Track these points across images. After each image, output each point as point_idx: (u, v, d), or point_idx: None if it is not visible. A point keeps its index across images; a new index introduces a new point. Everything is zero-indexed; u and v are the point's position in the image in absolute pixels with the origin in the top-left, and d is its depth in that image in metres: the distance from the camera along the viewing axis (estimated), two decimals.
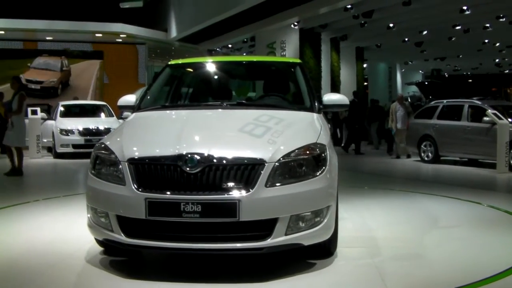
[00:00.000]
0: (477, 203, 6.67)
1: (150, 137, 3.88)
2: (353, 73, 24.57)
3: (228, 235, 3.39)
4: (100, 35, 21.09)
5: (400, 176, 10.42)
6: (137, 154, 3.56)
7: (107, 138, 4.04)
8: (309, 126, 4.02)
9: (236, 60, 6.19)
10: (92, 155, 3.86)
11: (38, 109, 14.06)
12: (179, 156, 3.43)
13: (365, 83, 29.67)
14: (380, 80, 32.55)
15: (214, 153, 3.43)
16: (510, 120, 10.35)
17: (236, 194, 3.34)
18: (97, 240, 3.99)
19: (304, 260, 3.94)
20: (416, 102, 25.05)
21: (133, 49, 22.54)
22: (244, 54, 25.66)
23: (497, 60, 33.09)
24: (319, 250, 3.92)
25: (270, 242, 3.40)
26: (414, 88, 32.35)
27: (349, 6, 16.45)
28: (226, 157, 3.41)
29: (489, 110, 10.61)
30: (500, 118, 10.30)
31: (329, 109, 4.62)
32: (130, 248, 3.62)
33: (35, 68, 20.83)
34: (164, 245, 3.44)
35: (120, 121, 11.61)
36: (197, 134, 3.82)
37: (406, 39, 23.08)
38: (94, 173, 3.78)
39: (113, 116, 14.55)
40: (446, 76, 41.38)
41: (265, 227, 3.40)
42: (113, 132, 4.33)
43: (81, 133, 13.45)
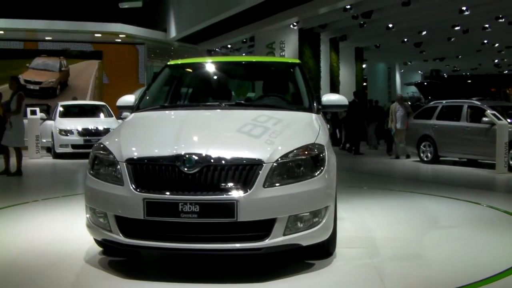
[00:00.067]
0: (476, 203, 6.68)
1: (149, 138, 3.88)
2: (353, 74, 24.59)
3: (226, 235, 3.38)
4: (99, 35, 21.07)
5: (400, 177, 10.42)
6: (135, 154, 3.56)
7: (106, 139, 4.04)
8: (308, 127, 4.01)
9: (235, 61, 6.18)
10: (91, 156, 3.86)
11: (37, 109, 14.04)
12: (177, 157, 3.42)
13: (364, 84, 29.67)
14: (379, 81, 32.59)
15: (212, 154, 3.42)
16: (509, 121, 10.35)
17: (234, 195, 3.33)
18: (96, 240, 3.99)
19: (303, 261, 3.94)
20: (416, 103, 25.06)
21: (133, 49, 22.52)
22: (244, 54, 25.66)
23: (496, 61, 33.13)
24: (318, 251, 3.92)
25: (268, 243, 3.40)
26: (413, 89, 32.41)
27: (349, 7, 16.46)
28: (224, 158, 3.41)
29: (488, 111, 10.61)
30: (499, 119, 10.31)
31: (328, 110, 4.61)
32: (129, 248, 3.62)
33: (34, 69, 20.79)
34: (162, 245, 3.44)
35: (119, 121, 11.60)
36: (195, 135, 3.82)
37: (406, 40, 23.10)
38: (93, 174, 3.78)
39: (112, 117, 14.54)
40: (445, 77, 41.41)
41: (263, 228, 3.40)
42: (112, 133, 4.33)
43: (80, 133, 13.45)
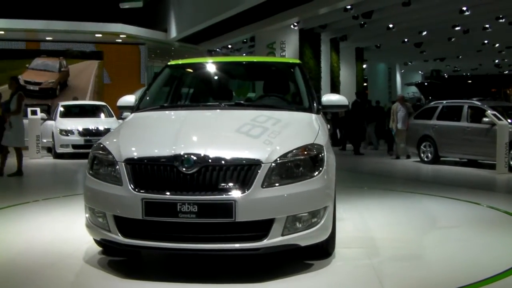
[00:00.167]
0: (477, 204, 6.67)
1: (147, 138, 3.88)
2: (353, 74, 24.59)
3: (225, 236, 3.38)
4: (100, 35, 21.07)
5: (400, 177, 10.41)
6: (134, 155, 3.56)
7: (105, 139, 4.04)
8: (307, 127, 4.01)
9: (236, 61, 6.18)
10: (90, 156, 3.86)
11: (38, 110, 14.04)
12: (176, 157, 3.42)
13: (365, 84, 29.67)
14: (380, 81, 32.58)
15: (211, 154, 3.42)
16: (510, 121, 10.34)
17: (232, 195, 3.33)
18: (96, 240, 3.99)
19: (302, 261, 3.93)
20: (416, 103, 25.06)
21: (136, 50, 22.53)
22: (244, 55, 25.66)
23: (497, 61, 33.11)
24: (317, 251, 3.92)
25: (267, 243, 3.40)
26: (414, 89, 32.37)
27: (349, 7, 16.47)
28: (223, 158, 3.41)
29: (489, 111, 10.61)
30: (500, 119, 10.30)
31: (328, 110, 4.60)
32: (127, 248, 3.62)
33: (33, 69, 20.80)
34: (161, 245, 3.44)
35: (120, 122, 11.60)
36: (194, 135, 3.82)
37: (406, 40, 23.10)
38: (92, 174, 3.78)
39: (113, 117, 14.54)
40: (446, 77, 41.39)
41: (262, 228, 3.39)
42: (111, 133, 4.33)
43: (81, 134, 13.45)
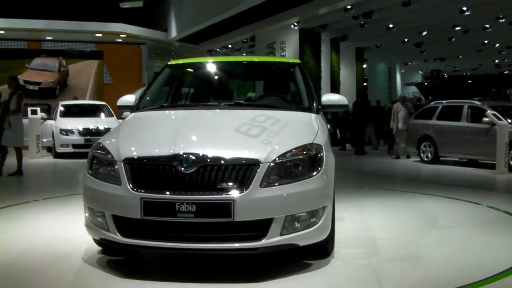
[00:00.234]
0: (477, 204, 6.67)
1: (146, 137, 3.88)
2: (353, 74, 24.58)
3: (223, 235, 3.38)
4: (100, 35, 21.07)
5: (400, 177, 10.41)
6: (133, 154, 3.56)
7: (104, 138, 4.04)
8: (306, 127, 4.00)
9: (236, 60, 6.18)
10: (89, 155, 3.86)
11: (38, 109, 14.04)
12: (174, 156, 3.42)
13: (365, 84, 29.66)
14: (380, 81, 32.56)
15: (209, 153, 3.42)
16: (510, 121, 10.34)
17: (231, 194, 3.33)
18: (95, 240, 3.99)
19: (301, 261, 3.93)
20: (416, 103, 25.06)
21: (137, 49, 22.54)
22: (244, 54, 25.66)
23: (497, 61, 33.09)
24: (316, 251, 3.91)
25: (265, 243, 3.40)
26: (414, 89, 32.33)
27: (349, 7, 16.47)
28: (221, 157, 3.41)
29: (489, 111, 10.60)
30: (500, 119, 10.30)
31: (328, 110, 4.60)
32: (126, 248, 3.62)
33: (33, 69, 20.82)
34: (160, 245, 3.44)
35: (120, 121, 11.61)
36: (193, 134, 3.82)
37: (406, 40, 23.10)
38: (91, 173, 3.78)
39: (113, 116, 14.54)
40: (446, 77, 41.38)
41: (260, 227, 3.39)
42: (111, 132, 4.33)
43: (81, 133, 13.45)
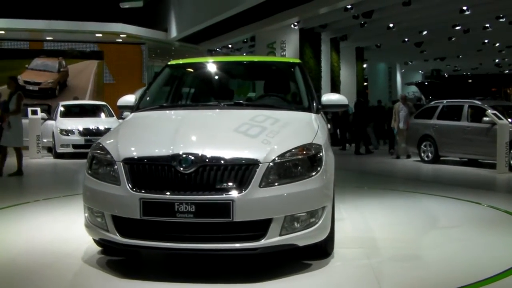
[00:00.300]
0: (477, 203, 6.66)
1: (146, 137, 3.88)
2: (353, 73, 24.57)
3: (222, 235, 3.38)
4: (100, 35, 21.07)
5: (400, 176, 10.40)
6: (132, 154, 3.56)
7: (104, 138, 4.04)
8: (306, 126, 4.00)
9: (236, 60, 6.18)
10: (89, 155, 3.86)
11: (39, 109, 14.04)
12: (173, 156, 3.42)
13: (365, 83, 29.66)
14: (380, 80, 32.57)
15: (208, 153, 3.42)
16: (510, 120, 10.34)
17: (230, 194, 3.32)
18: (95, 240, 3.99)
19: (300, 261, 3.93)
20: (416, 102, 25.07)
21: (138, 49, 22.54)
22: (244, 54, 25.66)
23: (497, 60, 33.09)
24: (316, 251, 3.91)
25: (265, 243, 3.39)
26: (414, 88, 32.34)
27: (349, 6, 16.47)
28: (220, 157, 3.40)
29: (489, 110, 10.60)
30: (500, 118, 10.29)
31: (328, 109, 4.59)
32: (125, 248, 3.62)
33: (33, 70, 20.84)
34: (159, 245, 3.44)
35: (120, 121, 11.61)
36: (192, 134, 3.81)
37: (406, 39, 23.09)
38: (91, 173, 3.78)
39: (113, 116, 14.54)
40: (446, 76, 41.37)
41: (260, 228, 3.39)
42: (110, 132, 4.33)
43: (81, 133, 13.45)
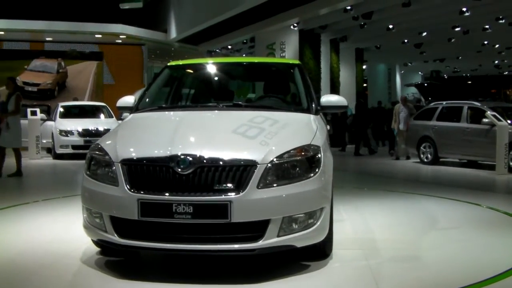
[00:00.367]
0: (477, 205, 6.66)
1: (144, 138, 3.88)
2: (353, 74, 24.56)
3: (220, 236, 3.38)
4: (100, 36, 21.07)
5: (400, 178, 10.40)
6: (130, 155, 3.56)
7: (103, 139, 4.04)
8: (305, 128, 3.99)
9: (236, 61, 6.18)
10: (87, 156, 3.86)
11: (38, 110, 14.03)
12: (171, 157, 3.42)
13: (365, 85, 29.66)
14: (380, 82, 32.57)
15: (206, 154, 3.42)
16: (510, 122, 10.34)
17: (228, 195, 3.32)
18: (94, 241, 3.99)
19: (299, 262, 3.92)
20: (416, 104, 25.08)
21: (138, 50, 22.53)
22: (244, 55, 25.67)
23: (497, 62, 33.09)
24: (314, 252, 3.90)
25: (262, 244, 3.39)
26: (414, 90, 32.37)
27: (349, 7, 16.47)
28: (218, 158, 3.40)
29: (489, 112, 10.60)
30: (500, 120, 10.30)
31: (327, 110, 4.60)
32: (123, 249, 3.62)
33: (32, 71, 20.84)
34: (157, 246, 3.44)
35: (120, 122, 11.60)
36: (190, 135, 3.81)
37: (406, 41, 23.10)
38: (89, 174, 3.78)
39: (113, 117, 14.54)
40: (446, 78, 41.39)
41: (257, 229, 3.39)
42: (109, 133, 4.33)
43: (81, 134, 13.44)
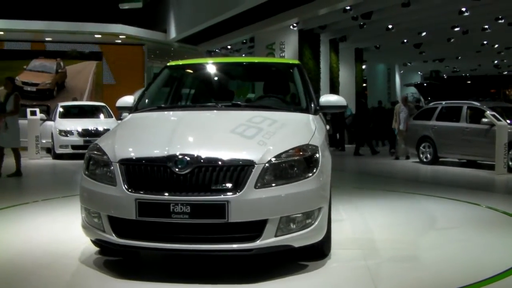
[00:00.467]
0: (476, 204, 6.67)
1: (142, 138, 3.88)
2: (352, 74, 24.55)
3: (218, 236, 3.38)
4: (99, 36, 21.06)
5: (399, 177, 10.39)
6: (128, 155, 3.56)
7: (101, 139, 4.04)
8: (303, 127, 3.99)
9: (235, 61, 6.18)
10: (86, 156, 3.87)
11: (37, 110, 14.03)
12: (169, 157, 3.42)
13: (364, 85, 29.65)
14: (379, 82, 32.56)
15: (204, 154, 3.42)
16: (509, 122, 10.35)
17: (226, 195, 3.32)
18: (92, 241, 3.98)
19: (297, 262, 3.92)
20: (416, 103, 25.08)
21: (139, 50, 22.52)
22: (243, 55, 25.66)
23: (496, 62, 33.07)
24: (312, 252, 3.90)
25: (260, 244, 3.39)
26: (413, 90, 32.35)
27: (348, 8, 16.46)
28: (216, 158, 3.40)
29: (488, 112, 10.60)
30: (499, 120, 10.31)
31: (326, 110, 4.60)
32: (122, 249, 3.62)
33: (31, 71, 20.85)
34: (155, 246, 3.44)
35: (119, 122, 11.59)
36: (189, 135, 3.81)
37: (405, 40, 23.09)
38: (88, 174, 3.78)
39: (112, 117, 14.54)
40: (445, 78, 41.37)
41: (255, 228, 3.39)
42: (108, 133, 4.33)
43: (80, 134, 13.44)
